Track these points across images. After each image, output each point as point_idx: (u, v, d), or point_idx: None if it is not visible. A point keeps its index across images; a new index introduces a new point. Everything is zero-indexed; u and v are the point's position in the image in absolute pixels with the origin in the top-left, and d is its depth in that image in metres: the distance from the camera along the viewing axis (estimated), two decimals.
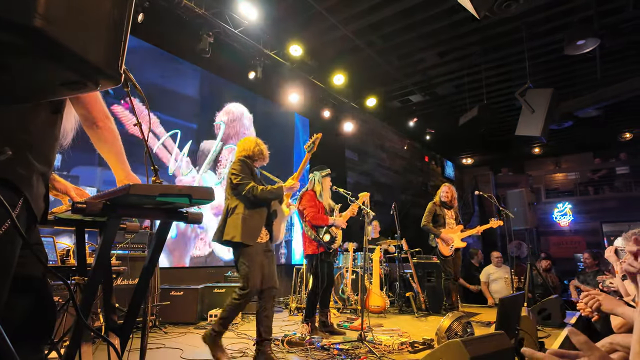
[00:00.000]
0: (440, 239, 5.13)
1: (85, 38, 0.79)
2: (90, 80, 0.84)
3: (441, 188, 5.51)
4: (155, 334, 3.69)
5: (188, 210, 1.42)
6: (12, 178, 0.99)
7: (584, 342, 0.64)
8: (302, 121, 7.80)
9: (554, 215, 12.23)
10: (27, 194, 1.02)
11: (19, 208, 1.00)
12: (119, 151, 1.39)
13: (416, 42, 6.36)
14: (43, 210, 1.17)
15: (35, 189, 1.06)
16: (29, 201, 1.03)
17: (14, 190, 0.99)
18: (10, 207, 0.91)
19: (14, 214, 0.95)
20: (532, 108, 5.58)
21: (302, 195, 3.94)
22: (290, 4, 5.41)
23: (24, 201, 1.02)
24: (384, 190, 8.91)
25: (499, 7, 4.19)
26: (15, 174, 1.00)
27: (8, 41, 0.70)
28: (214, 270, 5.49)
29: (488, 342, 1.88)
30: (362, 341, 3.22)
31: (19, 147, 1.00)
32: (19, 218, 1.00)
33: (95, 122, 1.31)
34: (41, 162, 1.08)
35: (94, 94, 1.27)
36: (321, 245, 3.82)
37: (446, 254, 5.14)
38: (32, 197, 1.04)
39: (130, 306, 1.47)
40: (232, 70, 6.18)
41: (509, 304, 2.47)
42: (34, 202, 1.06)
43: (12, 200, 0.98)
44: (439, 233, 5.13)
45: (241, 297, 2.75)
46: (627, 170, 11.50)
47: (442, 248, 5.14)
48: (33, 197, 1.05)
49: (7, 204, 0.90)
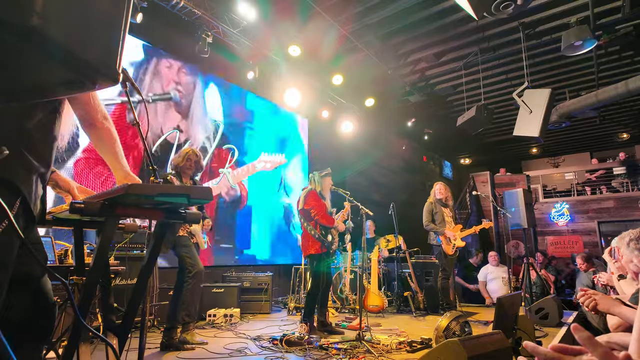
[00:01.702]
0: (445, 236, 5.09)
1: (83, 37, 0.79)
2: (88, 80, 0.84)
3: (435, 186, 5.47)
4: (154, 334, 3.69)
5: (186, 210, 1.42)
6: (11, 177, 0.99)
7: (587, 338, 0.64)
8: (301, 121, 7.80)
9: (551, 215, 12.26)
10: (25, 193, 1.02)
11: (16, 207, 1.00)
12: (117, 151, 1.39)
13: (414, 42, 6.37)
14: (41, 210, 1.17)
15: (33, 189, 1.06)
16: (27, 201, 1.03)
17: (12, 189, 0.99)
18: (8, 206, 0.91)
19: (12, 213, 0.95)
20: (530, 108, 5.59)
21: (307, 195, 3.91)
22: (289, 5, 5.41)
23: (22, 201, 1.02)
24: (382, 190, 8.91)
25: (496, 8, 4.20)
26: (14, 174, 1.00)
27: (5, 40, 0.70)
28: (210, 270, 5.48)
29: (486, 342, 1.89)
30: (361, 341, 3.22)
31: (17, 146, 1.00)
32: (16, 218, 1.00)
33: (94, 122, 1.31)
34: (39, 162, 1.08)
35: (91, 94, 1.27)
36: (324, 245, 3.83)
37: (449, 253, 5.11)
38: (30, 197, 1.04)
39: (129, 306, 1.47)
40: (230, 70, 6.18)
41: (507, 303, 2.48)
42: (32, 202, 1.06)
43: (10, 199, 0.98)
44: (442, 231, 5.10)
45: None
46: (624, 171, 11.54)
47: (445, 247, 5.10)
48: (31, 197, 1.05)
49: (5, 203, 0.89)
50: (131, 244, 3.78)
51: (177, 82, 5.46)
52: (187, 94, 5.56)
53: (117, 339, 1.47)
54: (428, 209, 5.31)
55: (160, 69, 5.24)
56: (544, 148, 12.36)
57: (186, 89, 5.55)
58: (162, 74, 5.26)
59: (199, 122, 5.69)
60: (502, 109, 8.93)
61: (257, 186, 6.55)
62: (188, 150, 3.54)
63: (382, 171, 9.39)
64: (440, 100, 8.64)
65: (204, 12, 5.02)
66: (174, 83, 5.41)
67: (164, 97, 5.24)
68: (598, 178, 12.16)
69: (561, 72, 7.37)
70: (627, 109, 9.14)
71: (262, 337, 3.61)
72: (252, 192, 6.40)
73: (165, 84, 5.29)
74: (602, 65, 6.96)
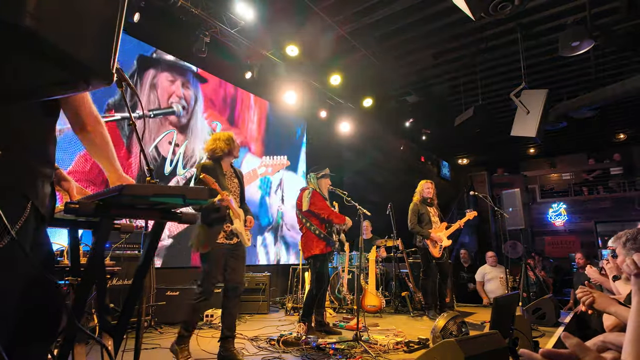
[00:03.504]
0: (430, 239, 4.89)
1: (76, 36, 0.78)
2: (81, 80, 0.84)
3: (422, 184, 5.20)
4: (151, 334, 3.68)
5: (182, 211, 1.41)
6: (18, 183, 0.99)
7: (577, 344, 0.65)
8: (299, 121, 7.80)
9: (548, 215, 12.30)
10: (33, 196, 1.03)
11: (27, 212, 1.01)
12: (109, 155, 1.37)
13: (412, 42, 6.37)
14: (50, 210, 1.17)
15: (40, 190, 1.07)
16: (35, 204, 1.03)
17: (21, 194, 1.00)
18: (20, 209, 0.97)
19: (24, 217, 0.98)
20: (527, 109, 5.61)
21: (311, 196, 3.86)
22: (287, 4, 5.41)
23: (32, 204, 1.03)
24: (380, 191, 8.91)
25: (494, 9, 4.21)
26: (20, 179, 1.00)
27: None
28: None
29: (483, 342, 1.89)
30: (358, 341, 3.22)
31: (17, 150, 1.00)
32: (27, 221, 1.01)
33: (85, 126, 1.28)
34: (43, 163, 1.09)
35: (83, 96, 1.25)
36: (329, 244, 3.82)
37: (436, 255, 4.89)
38: (38, 199, 1.05)
39: (124, 306, 1.46)
40: (228, 70, 6.17)
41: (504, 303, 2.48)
42: (40, 203, 1.06)
43: (21, 203, 1.00)
44: (428, 234, 4.89)
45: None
46: (620, 171, 11.59)
47: (432, 250, 4.89)
48: (40, 198, 1.06)
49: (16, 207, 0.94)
50: (127, 244, 3.77)
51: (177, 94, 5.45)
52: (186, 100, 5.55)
53: (113, 340, 1.47)
54: (414, 210, 5.07)
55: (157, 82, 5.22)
56: (541, 148, 12.38)
57: (186, 96, 5.53)
58: (159, 84, 5.25)
59: (196, 124, 5.68)
60: (500, 109, 8.94)
61: (256, 186, 6.54)
62: (230, 134, 3.13)
63: (379, 171, 9.40)
64: (438, 100, 8.65)
65: (201, 11, 5.01)
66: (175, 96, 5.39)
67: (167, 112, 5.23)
68: (595, 178, 12.21)
69: (558, 73, 7.38)
70: (624, 109, 9.18)
71: (259, 337, 3.60)
72: (252, 192, 6.39)
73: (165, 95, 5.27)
74: (599, 66, 6.99)
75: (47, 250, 1.16)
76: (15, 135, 1.00)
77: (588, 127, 9.91)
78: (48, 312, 1.14)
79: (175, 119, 5.35)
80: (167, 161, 5.20)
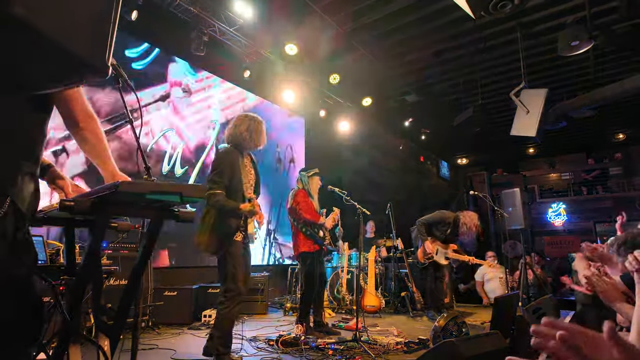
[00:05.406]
0: (423, 245, 4.86)
1: (70, 28, 0.76)
2: (75, 73, 0.82)
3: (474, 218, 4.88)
4: (149, 335, 3.65)
5: (179, 209, 1.39)
6: None
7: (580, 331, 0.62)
8: (298, 121, 7.77)
9: (548, 215, 12.30)
10: (11, 193, 0.99)
11: (6, 207, 0.97)
12: (102, 152, 1.33)
13: (411, 41, 6.36)
14: (33, 209, 1.13)
15: (21, 188, 1.03)
16: (14, 201, 1.00)
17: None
18: None
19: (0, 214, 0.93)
20: (527, 108, 5.59)
21: (295, 194, 3.95)
22: (285, 3, 5.38)
23: (10, 201, 0.99)
24: (379, 190, 8.90)
25: (494, 7, 4.20)
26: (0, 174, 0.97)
27: None
28: (206, 270, 5.45)
29: (483, 342, 1.88)
30: (357, 341, 3.20)
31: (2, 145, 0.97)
32: (5, 218, 0.97)
33: (77, 122, 1.25)
34: (28, 160, 1.05)
35: (75, 91, 1.21)
36: (317, 242, 3.81)
37: (421, 260, 4.90)
38: (18, 196, 1.01)
39: (120, 307, 1.44)
40: (226, 68, 6.14)
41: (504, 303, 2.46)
42: (20, 201, 1.03)
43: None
44: (425, 237, 4.84)
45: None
46: (620, 171, 11.60)
47: (419, 254, 4.90)
48: (20, 196, 1.02)
49: None
50: (124, 243, 3.75)
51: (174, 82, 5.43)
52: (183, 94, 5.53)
53: (109, 340, 1.45)
54: (441, 217, 4.91)
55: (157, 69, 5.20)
56: (540, 148, 12.38)
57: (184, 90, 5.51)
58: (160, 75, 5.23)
59: (195, 123, 5.65)
60: (500, 109, 8.94)
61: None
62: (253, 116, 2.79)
63: (379, 171, 9.38)
64: (437, 100, 8.63)
65: (200, 10, 4.98)
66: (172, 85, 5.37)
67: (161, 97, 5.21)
68: (594, 178, 12.21)
69: (558, 72, 7.38)
70: (623, 109, 9.17)
71: (258, 338, 3.58)
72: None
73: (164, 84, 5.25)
74: (598, 66, 6.98)
75: (28, 249, 1.13)
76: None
77: (587, 127, 9.91)
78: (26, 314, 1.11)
79: (174, 116, 5.33)
80: (164, 160, 5.17)
